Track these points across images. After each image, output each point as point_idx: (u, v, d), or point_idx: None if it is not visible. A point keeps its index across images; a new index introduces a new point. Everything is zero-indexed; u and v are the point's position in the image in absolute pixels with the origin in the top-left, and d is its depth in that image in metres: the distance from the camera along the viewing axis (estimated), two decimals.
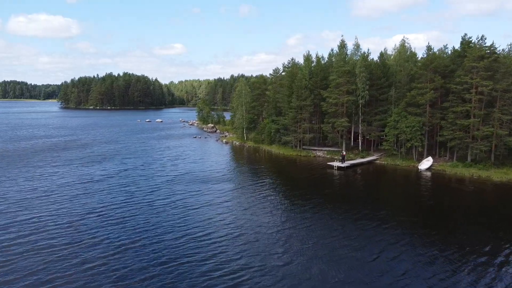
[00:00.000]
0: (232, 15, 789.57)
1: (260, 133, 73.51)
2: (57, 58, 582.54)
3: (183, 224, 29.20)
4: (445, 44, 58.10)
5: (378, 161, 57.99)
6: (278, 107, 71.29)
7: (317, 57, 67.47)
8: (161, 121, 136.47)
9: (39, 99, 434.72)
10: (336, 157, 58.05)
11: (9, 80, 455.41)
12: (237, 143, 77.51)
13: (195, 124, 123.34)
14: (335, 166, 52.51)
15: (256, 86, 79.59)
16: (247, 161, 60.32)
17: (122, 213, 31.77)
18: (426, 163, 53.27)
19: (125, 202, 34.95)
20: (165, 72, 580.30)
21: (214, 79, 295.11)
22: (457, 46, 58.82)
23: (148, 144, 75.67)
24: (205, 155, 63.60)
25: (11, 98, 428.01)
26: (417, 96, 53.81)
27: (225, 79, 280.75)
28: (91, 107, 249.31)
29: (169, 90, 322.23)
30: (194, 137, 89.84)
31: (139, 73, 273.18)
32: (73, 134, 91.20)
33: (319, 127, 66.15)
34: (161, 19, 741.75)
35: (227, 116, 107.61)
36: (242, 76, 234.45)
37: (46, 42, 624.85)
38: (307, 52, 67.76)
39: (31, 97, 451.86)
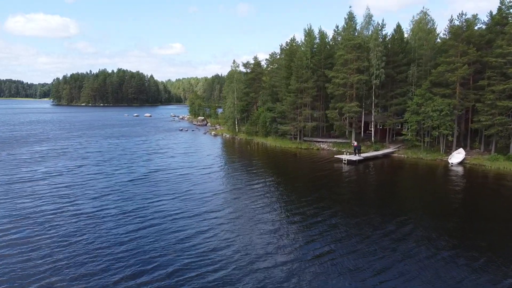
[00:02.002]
0: (230, 14, 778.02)
1: (254, 124, 62.93)
2: (56, 58, 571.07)
3: (130, 253, 18.30)
4: (474, 14, 47.16)
5: (396, 154, 47.35)
6: (275, 92, 60.70)
7: (320, 32, 56.76)
8: (150, 116, 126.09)
9: (35, 97, 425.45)
10: (345, 150, 47.43)
11: (4, 79, 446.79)
12: (228, 136, 66.95)
13: (185, 118, 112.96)
14: (345, 160, 41.92)
15: (249, 66, 68.60)
16: (238, 155, 49.77)
17: (39, 230, 21.19)
18: (457, 156, 42.66)
19: (53, 212, 24.16)
20: (164, 72, 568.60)
21: (212, 76, 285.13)
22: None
23: (124, 137, 65.03)
24: (188, 149, 52.99)
25: (6, 97, 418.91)
26: (446, 73, 43.19)
27: (222, 75, 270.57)
28: (83, 104, 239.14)
29: (166, 87, 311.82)
30: (180, 129, 79.37)
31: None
32: (41, 128, 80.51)
33: (323, 114, 55.54)
34: (158, 18, 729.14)
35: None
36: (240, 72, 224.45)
37: (45, 42, 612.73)
38: (309, 25, 57.17)
39: (26, 96, 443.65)
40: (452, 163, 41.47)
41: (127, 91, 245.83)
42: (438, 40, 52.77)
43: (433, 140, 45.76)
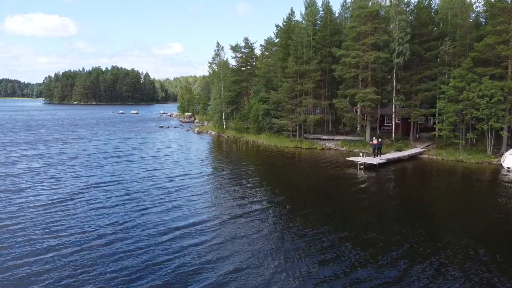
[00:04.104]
0: (230, 14, 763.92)
1: (244, 118, 51.89)
2: (56, 58, 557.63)
3: None
4: None
5: (425, 156, 36.11)
6: (269, 79, 49.55)
7: (325, 3, 45.46)
8: (136, 113, 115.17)
9: (31, 97, 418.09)
10: (358, 149, 36.26)
11: (0, 79, 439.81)
12: (213, 133, 55.77)
13: (174, 115, 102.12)
14: (361, 163, 30.63)
15: (239, 50, 57.21)
16: (222, 158, 38.52)
17: None
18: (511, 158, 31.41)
19: None
20: (165, 72, 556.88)
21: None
22: None
23: (86, 137, 53.10)
24: (159, 151, 41.34)
25: (3, 97, 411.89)
26: (497, 46, 31.94)
27: None
28: (75, 102, 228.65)
29: (163, 86, 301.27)
30: (160, 127, 68.27)
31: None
32: None
33: (329, 105, 44.34)
34: (158, 18, 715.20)
35: None
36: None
37: (44, 42, 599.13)
38: None
39: (23, 95, 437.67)
40: (509, 168, 30.18)
41: (121, 89, 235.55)
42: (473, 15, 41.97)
43: (478, 136, 34.55)
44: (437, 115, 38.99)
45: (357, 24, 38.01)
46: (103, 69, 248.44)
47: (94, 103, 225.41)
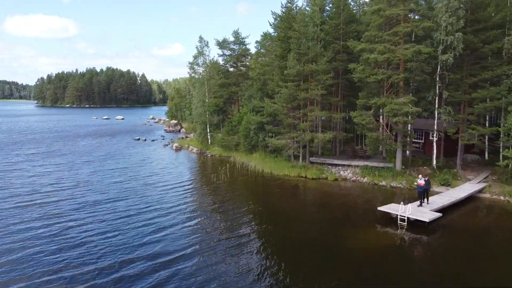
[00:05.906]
0: (230, 14, 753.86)
1: (232, 132, 40.80)
2: (56, 59, 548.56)
3: None
4: None
5: (487, 195, 24.86)
6: (266, 84, 38.40)
7: None
8: (122, 119, 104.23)
9: (29, 99, 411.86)
10: (385, 182, 25.10)
11: None
12: (195, 150, 44.53)
13: (161, 121, 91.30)
14: (402, 219, 19.38)
15: (227, 47, 45.75)
16: (195, 202, 26.79)
17: None
18: None
19: None
20: (165, 73, 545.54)
21: None
22: None
23: (34, 159, 40.81)
24: (117, 185, 30.11)
25: (0, 99, 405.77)
26: None
27: None
28: (68, 105, 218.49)
29: (160, 87, 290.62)
30: (136, 139, 57.07)
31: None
32: None
33: (344, 118, 33.16)
34: (158, 19, 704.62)
35: None
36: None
37: (45, 43, 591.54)
38: None
39: (20, 97, 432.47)
40: None
41: (116, 91, 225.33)
42: None
43: None
44: (487, 138, 28.18)
45: (385, 5, 26.82)
46: (99, 70, 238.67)
47: (87, 105, 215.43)
